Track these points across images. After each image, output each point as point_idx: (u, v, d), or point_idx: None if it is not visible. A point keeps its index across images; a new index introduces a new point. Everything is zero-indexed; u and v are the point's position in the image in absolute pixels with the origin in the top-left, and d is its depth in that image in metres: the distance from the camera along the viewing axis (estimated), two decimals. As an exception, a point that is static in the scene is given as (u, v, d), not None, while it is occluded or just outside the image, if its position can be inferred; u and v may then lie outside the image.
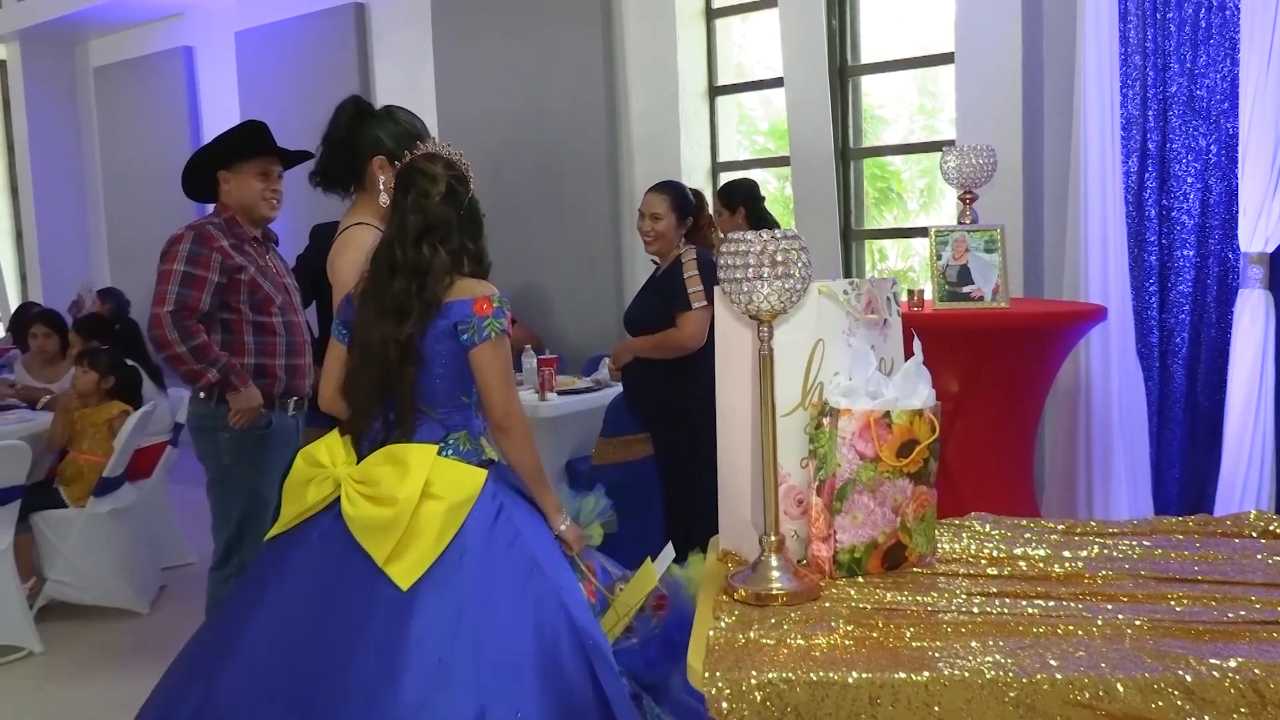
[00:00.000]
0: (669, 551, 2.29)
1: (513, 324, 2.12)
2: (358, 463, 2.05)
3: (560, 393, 4.16)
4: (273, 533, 2.15)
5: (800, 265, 1.44)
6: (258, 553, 2.27)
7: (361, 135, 2.51)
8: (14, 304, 8.02)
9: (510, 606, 1.92)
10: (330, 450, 2.08)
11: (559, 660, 1.89)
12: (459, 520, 1.96)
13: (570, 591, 2.03)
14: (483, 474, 2.04)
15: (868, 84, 4.68)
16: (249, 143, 3.01)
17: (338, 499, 2.02)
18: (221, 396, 2.89)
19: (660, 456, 3.53)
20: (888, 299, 1.74)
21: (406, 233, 2.06)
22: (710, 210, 3.76)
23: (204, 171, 3.05)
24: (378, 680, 1.82)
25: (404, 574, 1.90)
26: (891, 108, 4.89)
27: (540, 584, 1.97)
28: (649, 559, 2.24)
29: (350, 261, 2.40)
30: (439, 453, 2.04)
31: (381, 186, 2.48)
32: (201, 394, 2.91)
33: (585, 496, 2.35)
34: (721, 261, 1.48)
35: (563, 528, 2.17)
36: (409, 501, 1.93)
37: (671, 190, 3.53)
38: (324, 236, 3.15)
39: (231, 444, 2.90)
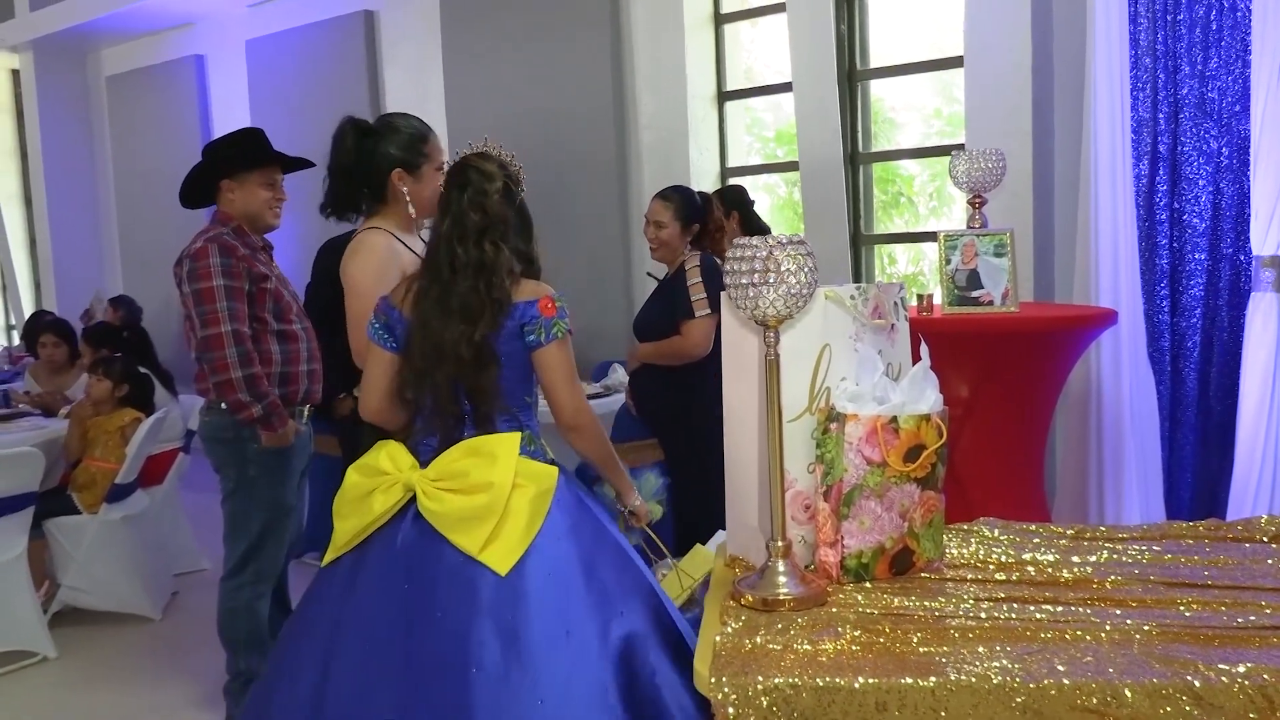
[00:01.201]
0: (721, 534, 2.36)
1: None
2: (422, 466, 2.01)
3: (570, 398, 4.16)
4: (333, 555, 2.06)
5: (806, 270, 1.44)
6: (319, 575, 2.13)
7: (373, 155, 2.50)
8: (28, 312, 8.08)
9: (618, 583, 1.92)
10: (393, 457, 2.03)
11: (669, 626, 1.91)
12: (545, 508, 1.94)
13: (653, 576, 2.08)
14: (556, 470, 2.04)
15: (884, 87, 4.68)
16: (254, 152, 3.00)
17: (408, 505, 1.97)
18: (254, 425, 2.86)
19: (669, 463, 3.53)
20: (895, 304, 1.74)
21: (467, 230, 2.02)
22: (719, 215, 3.75)
23: (203, 180, 3.03)
24: (507, 664, 1.78)
25: (501, 559, 1.87)
26: (909, 111, 4.88)
27: (634, 566, 2.00)
28: (699, 544, 2.37)
29: (361, 263, 2.40)
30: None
31: (407, 197, 2.49)
32: (238, 420, 2.86)
33: (645, 476, 2.44)
34: (728, 267, 1.48)
35: (637, 503, 2.26)
36: (503, 486, 1.90)
37: (677, 197, 3.53)
38: (334, 254, 3.15)
39: (259, 455, 2.87)
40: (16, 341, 8.19)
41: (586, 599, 1.86)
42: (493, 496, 1.90)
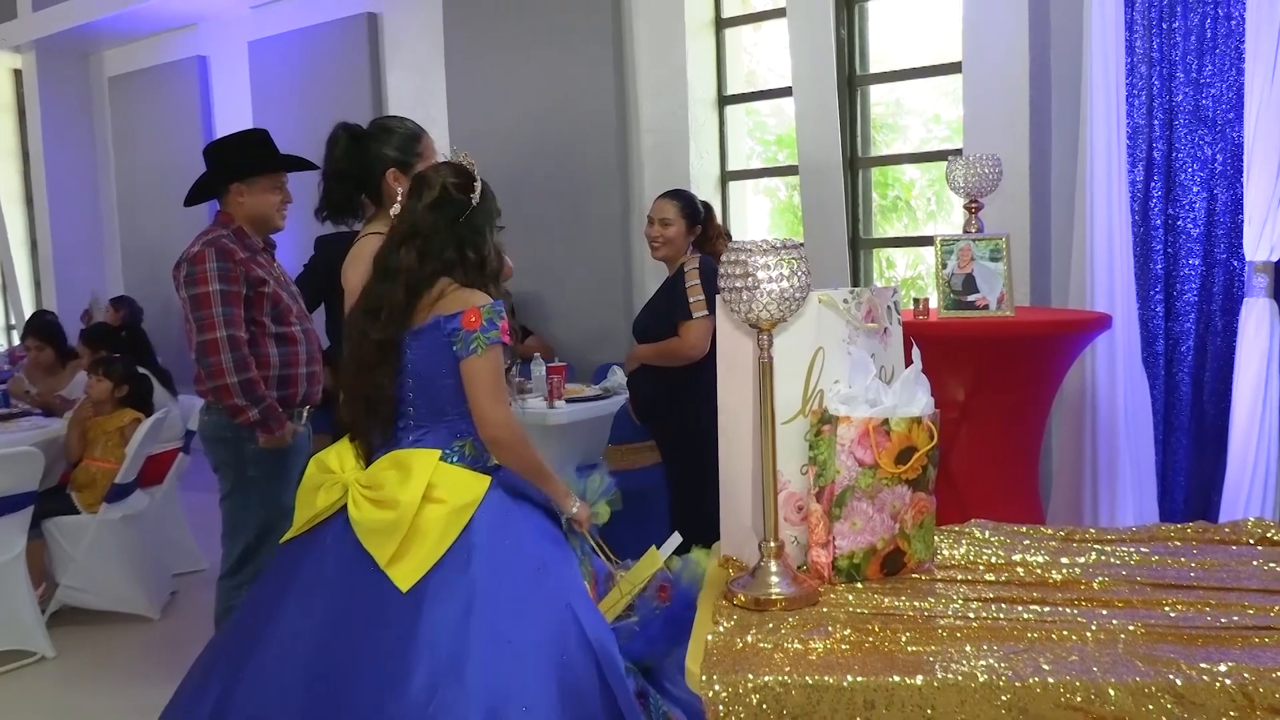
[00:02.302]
0: (676, 538, 2.34)
1: (512, 332, 2.15)
2: (365, 468, 2.09)
3: (569, 400, 4.18)
4: (286, 537, 2.18)
5: (799, 275, 1.46)
6: (272, 558, 2.30)
7: (367, 158, 2.54)
8: (28, 312, 8.10)
9: (518, 606, 1.94)
10: (340, 456, 2.13)
11: (567, 660, 1.92)
12: (461, 523, 1.99)
13: (577, 593, 2.06)
14: (486, 480, 2.07)
15: (886, 92, 4.69)
16: (268, 157, 3.02)
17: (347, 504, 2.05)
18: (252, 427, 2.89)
19: (666, 465, 3.54)
20: (888, 308, 1.76)
21: (394, 237, 2.13)
22: (719, 220, 3.78)
23: (210, 181, 3.05)
24: (388, 680, 1.84)
25: (404, 576, 1.93)
26: (909, 116, 4.90)
27: (548, 585, 2.01)
28: (654, 546, 2.29)
29: (360, 274, 2.43)
30: (446, 459, 2.07)
31: (399, 197, 2.52)
32: (236, 422, 2.90)
33: (590, 475, 2.39)
34: (722, 270, 1.50)
35: (574, 510, 2.22)
36: (410, 505, 1.96)
37: (681, 197, 3.56)
38: (330, 247, 3.17)
39: (257, 455, 2.90)
40: (17, 341, 8.21)
41: (475, 628, 1.89)
42: (399, 514, 1.97)
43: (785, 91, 4.75)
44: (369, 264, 2.42)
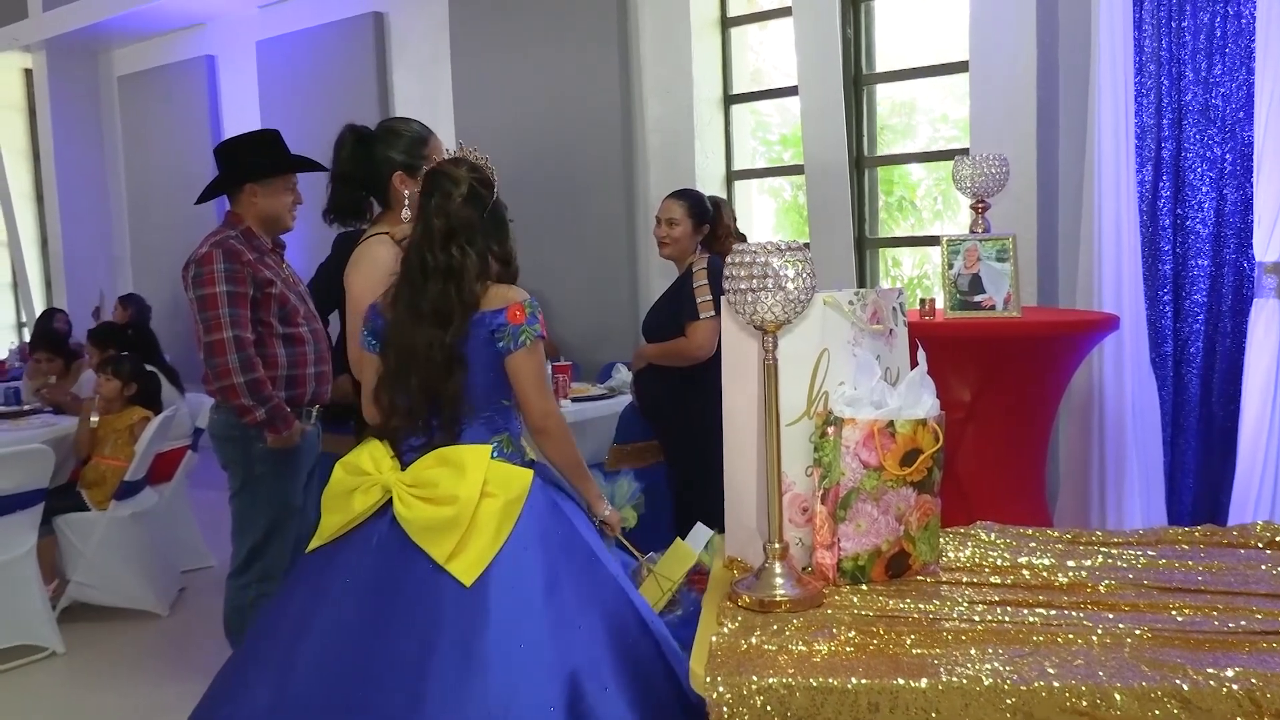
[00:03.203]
0: (703, 529, 2.35)
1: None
2: (402, 468, 2.06)
3: (575, 399, 4.19)
4: (316, 544, 2.13)
5: (805, 276, 1.46)
6: (299, 562, 2.24)
7: (373, 160, 2.55)
8: (39, 309, 8.14)
9: (580, 592, 1.95)
10: (374, 457, 2.08)
11: (634, 642, 1.93)
12: (514, 516, 1.98)
13: (626, 580, 2.09)
14: (530, 473, 2.07)
15: (892, 91, 4.68)
16: (282, 158, 3.03)
17: (387, 504, 2.02)
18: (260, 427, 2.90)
19: (670, 464, 3.54)
20: (893, 309, 1.76)
21: (433, 236, 2.07)
22: (728, 219, 3.76)
23: (224, 180, 3.07)
24: (461, 675, 1.82)
25: (466, 570, 1.91)
26: (916, 115, 4.89)
27: (602, 573, 2.02)
28: (679, 538, 2.32)
29: (363, 276, 2.42)
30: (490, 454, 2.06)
31: (406, 200, 2.52)
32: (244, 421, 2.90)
33: (618, 481, 2.44)
34: (727, 272, 1.50)
35: (606, 513, 2.25)
36: (470, 500, 1.95)
37: (689, 197, 3.56)
38: (347, 246, 3.18)
39: (265, 454, 2.91)
40: (29, 338, 8.25)
41: (545, 614, 1.89)
42: (459, 510, 1.95)
43: (791, 91, 4.75)
44: (373, 266, 2.41)
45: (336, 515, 2.09)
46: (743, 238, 3.62)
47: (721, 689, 1.26)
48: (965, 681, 1.24)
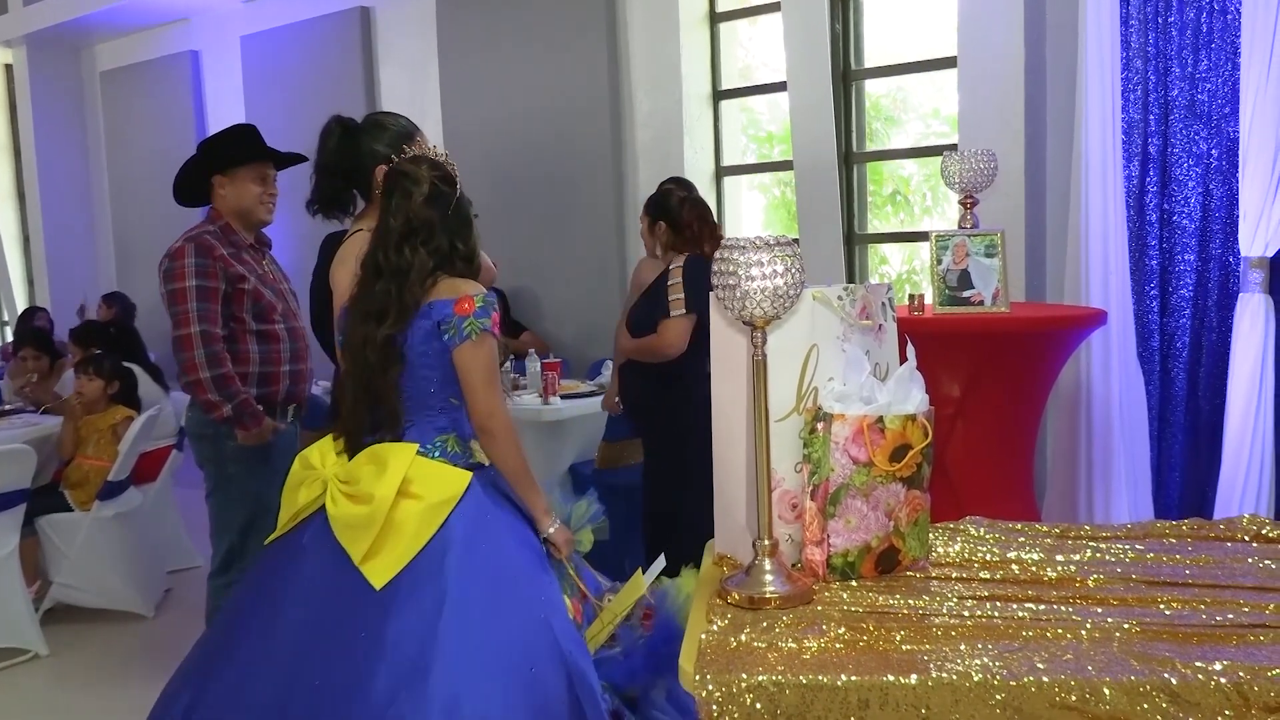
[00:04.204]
0: (660, 562, 2.26)
1: (508, 326, 2.13)
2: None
3: (564, 396, 4.18)
4: (271, 537, 2.17)
5: (793, 271, 1.45)
6: (259, 555, 2.29)
7: (358, 153, 2.53)
8: (21, 307, 8.07)
9: (490, 612, 1.90)
10: (322, 452, 2.11)
11: (537, 671, 1.87)
12: (437, 521, 1.96)
13: (554, 606, 2.01)
14: (467, 476, 2.04)
15: (881, 86, 4.68)
16: (246, 148, 3.02)
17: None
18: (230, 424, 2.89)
19: (647, 454, 3.54)
20: (883, 304, 1.75)
21: (390, 236, 2.08)
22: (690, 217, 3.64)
23: (195, 177, 3.05)
24: (355, 681, 1.82)
25: (378, 572, 1.91)
26: (906, 110, 4.88)
27: (523, 593, 1.97)
28: (640, 569, 2.21)
29: (348, 272, 2.41)
30: (427, 454, 2.05)
31: None
32: (211, 418, 2.89)
33: (578, 501, 2.31)
34: (715, 268, 1.49)
35: (551, 530, 2.14)
36: (384, 500, 1.94)
37: (651, 198, 3.56)
38: (333, 247, 3.16)
39: (237, 451, 2.90)
40: (10, 338, 8.18)
41: (445, 630, 1.86)
42: (373, 509, 1.94)
43: (780, 86, 4.74)
44: (356, 266, 2.41)
45: (287, 508, 2.12)
46: (714, 234, 3.51)
47: (711, 687, 1.26)
48: (955, 677, 1.24)
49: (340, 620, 1.90)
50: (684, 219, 3.46)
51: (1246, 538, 1.71)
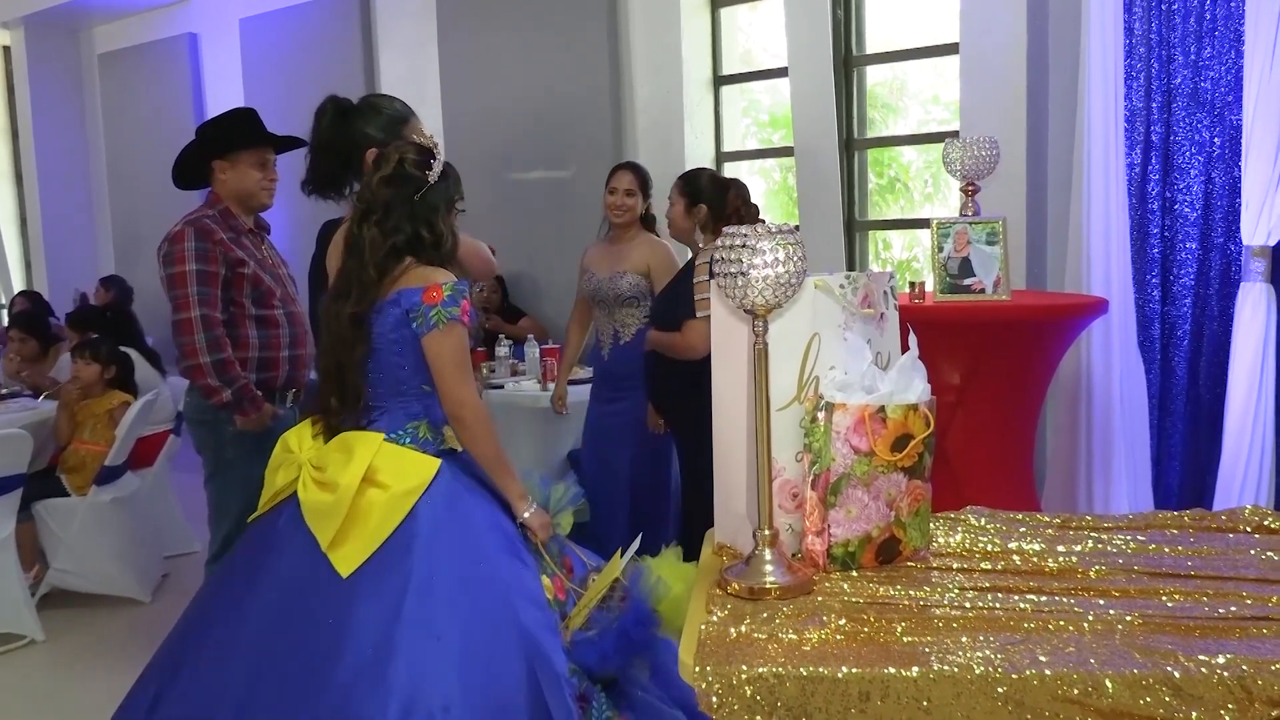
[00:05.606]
0: (636, 543, 2.24)
1: (507, 311, 2.12)
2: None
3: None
4: (252, 517, 2.20)
5: (795, 259, 1.43)
6: (240, 537, 2.30)
7: (350, 134, 2.51)
8: (18, 289, 8.04)
9: (453, 600, 1.90)
10: (300, 435, 2.12)
11: (499, 658, 1.87)
12: (404, 509, 1.96)
13: (520, 589, 1.99)
14: (435, 463, 2.04)
15: (883, 72, 4.65)
16: (246, 133, 3.00)
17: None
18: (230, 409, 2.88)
19: (679, 453, 3.51)
20: (885, 293, 1.74)
21: (353, 215, 2.13)
22: (736, 202, 3.44)
23: (195, 161, 3.03)
24: (319, 669, 1.82)
25: (345, 560, 1.92)
26: (908, 97, 4.86)
27: (488, 579, 1.96)
28: (619, 551, 2.17)
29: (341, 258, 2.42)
30: (397, 440, 2.05)
31: None
32: (210, 403, 2.88)
33: (555, 484, 2.29)
34: (717, 255, 1.48)
35: (527, 515, 2.13)
36: (348, 488, 1.94)
37: (685, 177, 3.50)
38: (330, 233, 3.14)
39: (236, 437, 2.89)
40: (6, 321, 8.16)
41: (407, 619, 1.85)
42: (338, 497, 1.94)
43: (781, 72, 4.71)
44: None
45: (267, 488, 2.14)
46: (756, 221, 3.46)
47: (710, 679, 1.25)
48: (956, 670, 1.23)
49: (308, 608, 1.91)
50: (728, 202, 3.34)
51: (1248, 529, 1.70)
